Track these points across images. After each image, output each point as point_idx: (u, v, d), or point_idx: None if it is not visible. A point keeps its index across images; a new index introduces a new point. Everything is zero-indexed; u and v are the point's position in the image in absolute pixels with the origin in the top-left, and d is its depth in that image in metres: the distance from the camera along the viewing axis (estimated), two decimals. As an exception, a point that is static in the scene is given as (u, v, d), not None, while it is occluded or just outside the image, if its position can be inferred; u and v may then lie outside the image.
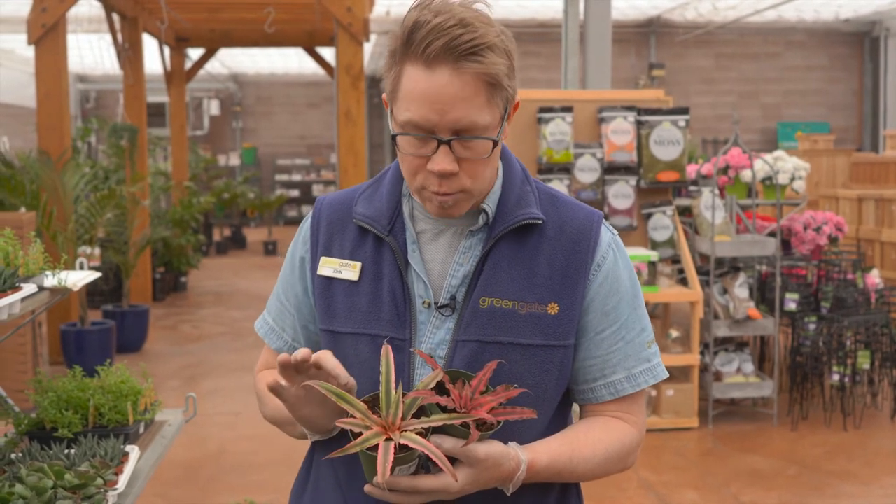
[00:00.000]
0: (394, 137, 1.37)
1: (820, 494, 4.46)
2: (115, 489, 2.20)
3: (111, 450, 2.38)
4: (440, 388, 1.33)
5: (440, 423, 1.28)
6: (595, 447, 1.44)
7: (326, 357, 1.32)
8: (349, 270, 1.47)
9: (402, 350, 1.41)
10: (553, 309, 1.42)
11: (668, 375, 1.54)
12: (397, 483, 1.27)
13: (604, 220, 1.50)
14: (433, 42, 1.30)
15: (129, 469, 2.34)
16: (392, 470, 1.24)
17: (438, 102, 1.31)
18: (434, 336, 1.42)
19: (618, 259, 1.48)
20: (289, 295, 1.56)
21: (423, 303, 1.43)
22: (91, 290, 8.88)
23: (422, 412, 1.31)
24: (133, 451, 2.46)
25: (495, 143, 1.37)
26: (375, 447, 1.25)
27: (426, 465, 1.33)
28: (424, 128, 1.33)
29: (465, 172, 1.36)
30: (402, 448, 1.25)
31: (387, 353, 1.32)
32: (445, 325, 1.42)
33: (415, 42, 1.31)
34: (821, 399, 5.76)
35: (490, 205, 1.44)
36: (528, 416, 1.32)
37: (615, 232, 1.51)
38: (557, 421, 1.50)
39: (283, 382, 1.34)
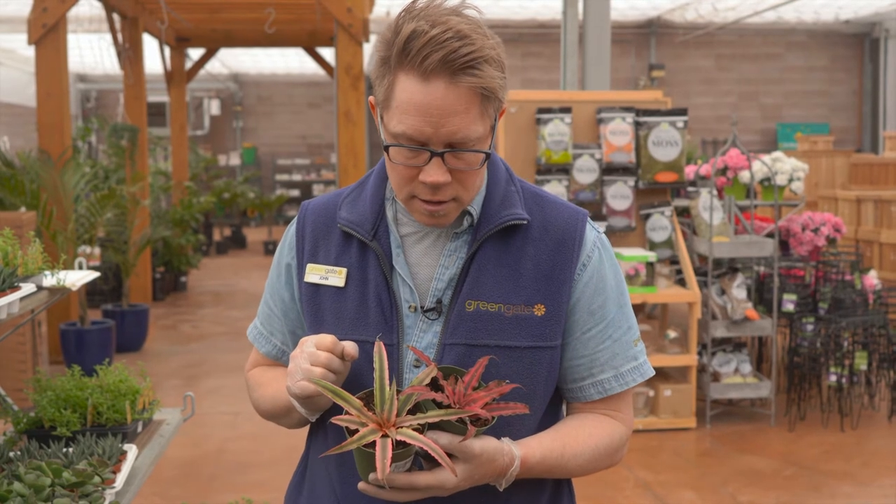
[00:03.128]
0: (386, 148, 1.37)
1: (817, 495, 4.47)
2: (113, 487, 2.22)
3: (109, 448, 2.39)
4: (433, 385, 1.34)
5: (436, 420, 1.28)
6: (586, 443, 1.45)
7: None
8: (335, 276, 1.47)
9: (389, 355, 1.42)
10: (539, 310, 1.42)
11: (654, 373, 1.54)
12: (394, 480, 1.28)
13: (588, 219, 1.50)
14: (431, 55, 1.29)
15: (126, 467, 2.36)
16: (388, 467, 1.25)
17: (433, 115, 1.31)
18: (421, 340, 1.43)
19: (603, 258, 1.48)
20: (276, 300, 1.57)
21: (410, 307, 1.44)
22: (91, 289, 8.89)
23: (416, 409, 1.32)
24: (131, 449, 2.47)
25: (487, 155, 1.38)
26: (371, 444, 1.25)
27: (419, 462, 1.34)
28: (418, 140, 1.33)
29: (456, 182, 1.37)
30: (398, 444, 1.26)
31: (380, 351, 1.33)
32: (432, 328, 1.43)
33: (411, 53, 1.30)
34: (818, 400, 5.77)
35: (474, 206, 1.45)
36: (520, 410, 1.33)
37: (600, 230, 1.51)
38: (549, 419, 1.51)
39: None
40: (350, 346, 1.36)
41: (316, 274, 1.49)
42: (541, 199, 1.50)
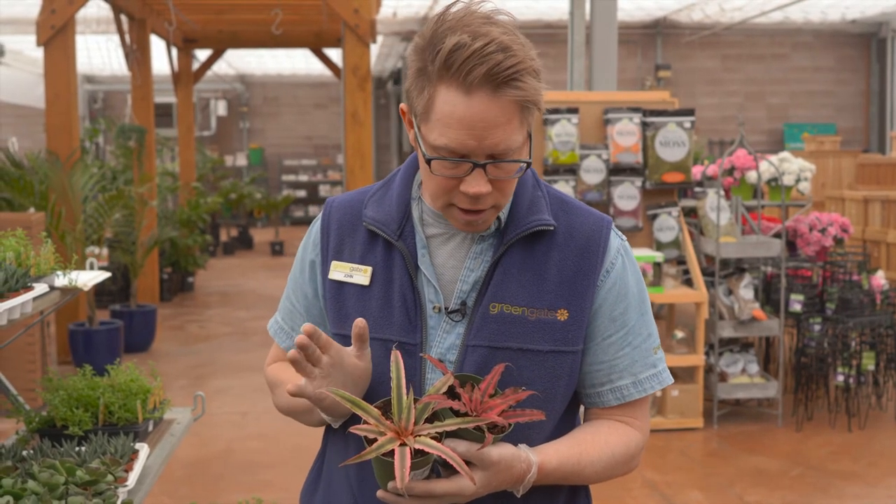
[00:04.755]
0: (428, 161, 1.37)
1: (824, 495, 4.47)
2: (126, 486, 2.23)
3: (121, 447, 2.41)
4: (450, 393, 1.34)
5: (454, 428, 1.29)
6: (602, 450, 1.46)
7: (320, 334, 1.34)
8: (360, 275, 1.48)
9: (412, 355, 1.43)
10: (562, 315, 1.43)
11: (672, 381, 1.55)
12: (412, 488, 1.29)
13: (613, 227, 1.51)
14: (475, 68, 1.29)
15: (138, 466, 2.37)
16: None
17: (476, 129, 1.32)
18: (444, 341, 1.44)
19: (626, 265, 1.49)
20: (298, 296, 1.57)
21: (434, 308, 1.44)
22: (99, 289, 8.92)
23: (434, 417, 1.33)
24: (142, 448, 2.49)
25: (528, 165, 1.39)
26: (390, 453, 1.26)
27: (437, 469, 1.35)
28: (460, 152, 1.34)
29: (496, 190, 1.38)
30: (417, 453, 1.27)
31: (396, 359, 1.34)
32: (455, 329, 1.44)
33: (454, 66, 1.30)
34: (825, 400, 5.77)
35: (502, 211, 1.46)
36: (537, 417, 1.34)
37: (624, 238, 1.52)
38: (566, 423, 1.51)
39: (302, 383, 1.36)
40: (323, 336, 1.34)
41: (340, 271, 1.49)
42: (566, 204, 1.51)
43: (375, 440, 1.28)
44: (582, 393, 1.52)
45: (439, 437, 1.30)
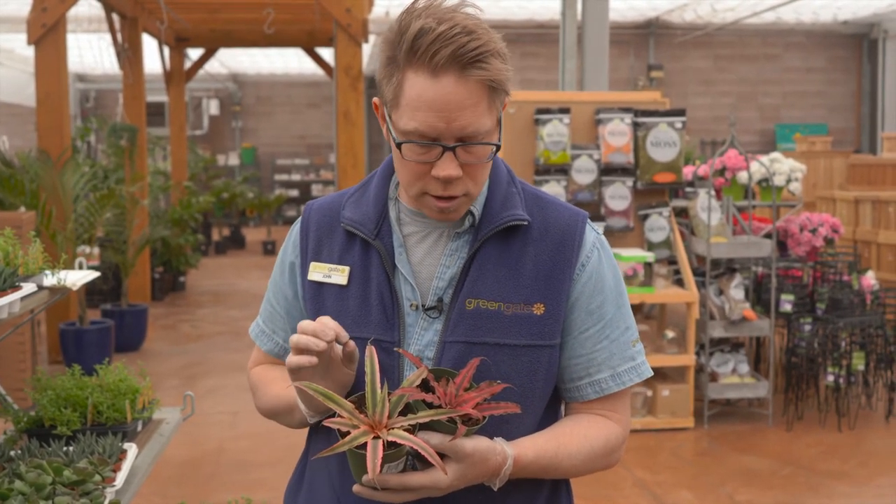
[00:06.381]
0: (399, 146, 1.38)
1: (815, 494, 4.49)
2: (113, 486, 2.23)
3: (109, 447, 2.41)
4: (425, 386, 1.35)
5: (426, 419, 1.29)
6: (580, 443, 1.46)
7: (336, 328, 1.36)
8: (338, 275, 1.49)
9: (391, 352, 1.43)
10: (539, 309, 1.44)
11: (652, 374, 1.55)
12: (387, 481, 1.29)
13: (588, 220, 1.52)
14: (440, 50, 1.31)
15: (126, 466, 2.37)
16: (381, 468, 1.26)
17: (444, 110, 1.33)
18: (422, 338, 1.45)
19: (602, 258, 1.50)
20: (279, 298, 1.58)
21: (411, 305, 1.45)
22: (90, 289, 8.89)
23: (408, 410, 1.33)
24: (131, 448, 2.48)
25: (497, 147, 1.40)
26: (363, 446, 1.27)
27: (414, 464, 1.35)
28: (430, 136, 1.35)
29: (466, 176, 1.39)
30: (390, 446, 1.27)
31: (371, 354, 1.35)
32: (433, 326, 1.44)
33: (420, 50, 1.33)
34: (816, 400, 5.78)
35: (476, 206, 1.47)
36: (511, 410, 1.34)
37: (600, 231, 1.53)
38: (548, 419, 1.51)
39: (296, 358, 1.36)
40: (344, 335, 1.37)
41: (319, 272, 1.50)
42: (541, 200, 1.52)
43: (349, 433, 1.28)
44: (561, 387, 1.52)
45: (412, 430, 1.30)
